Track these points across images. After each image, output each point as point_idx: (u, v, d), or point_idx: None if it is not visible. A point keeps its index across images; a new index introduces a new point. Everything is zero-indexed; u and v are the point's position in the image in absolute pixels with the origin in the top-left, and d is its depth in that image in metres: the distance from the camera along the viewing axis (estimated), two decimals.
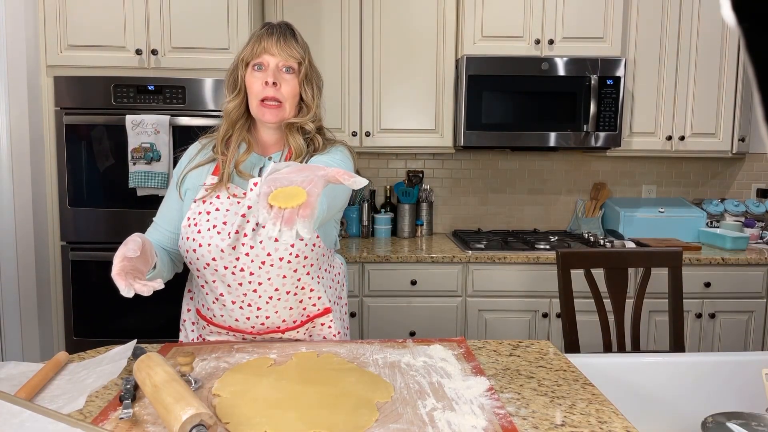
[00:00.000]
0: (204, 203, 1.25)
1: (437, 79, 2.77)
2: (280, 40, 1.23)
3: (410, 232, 3.00)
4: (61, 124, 2.39)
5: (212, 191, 1.25)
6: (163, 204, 1.35)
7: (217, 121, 2.39)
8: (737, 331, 2.62)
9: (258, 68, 1.24)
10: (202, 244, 1.23)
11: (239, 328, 1.33)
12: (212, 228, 1.23)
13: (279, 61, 1.23)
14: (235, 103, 1.28)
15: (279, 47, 1.22)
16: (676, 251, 1.88)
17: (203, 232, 1.23)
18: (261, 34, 1.25)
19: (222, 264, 1.23)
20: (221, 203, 1.25)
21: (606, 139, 2.71)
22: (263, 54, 1.23)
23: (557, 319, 2.55)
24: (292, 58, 1.24)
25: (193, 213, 1.26)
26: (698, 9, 2.76)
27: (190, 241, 1.25)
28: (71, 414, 1.00)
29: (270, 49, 1.22)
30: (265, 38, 1.23)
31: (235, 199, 1.25)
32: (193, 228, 1.24)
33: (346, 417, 0.98)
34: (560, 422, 0.99)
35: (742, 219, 2.98)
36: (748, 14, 0.38)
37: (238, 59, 1.27)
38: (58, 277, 2.47)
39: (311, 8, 2.71)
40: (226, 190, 1.26)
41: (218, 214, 1.24)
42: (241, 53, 1.27)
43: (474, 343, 1.39)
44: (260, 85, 1.23)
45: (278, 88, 1.23)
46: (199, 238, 1.23)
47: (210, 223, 1.24)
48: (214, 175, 1.28)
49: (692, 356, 1.47)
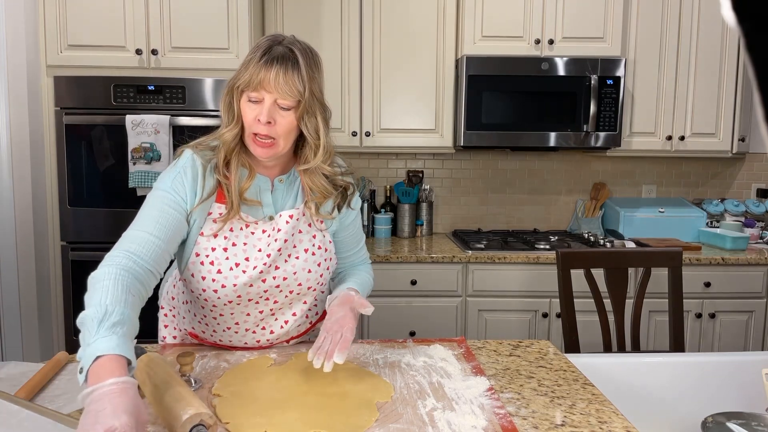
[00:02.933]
0: (216, 238, 1.17)
1: (437, 79, 2.77)
2: (279, 75, 1.09)
3: (410, 232, 3.00)
4: (61, 124, 2.39)
5: (223, 224, 1.17)
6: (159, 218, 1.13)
7: (217, 122, 2.40)
8: (737, 331, 2.62)
9: (254, 100, 1.13)
10: (225, 285, 1.17)
11: (247, 347, 1.32)
12: (235, 267, 1.18)
13: (276, 98, 1.11)
14: (233, 133, 1.16)
15: (276, 83, 1.10)
16: (676, 251, 1.88)
17: (225, 272, 1.17)
18: (261, 62, 1.11)
19: (247, 298, 1.21)
20: (236, 237, 1.19)
21: (606, 139, 2.71)
22: (259, 88, 1.11)
23: (557, 319, 2.55)
24: (290, 96, 1.11)
25: (206, 249, 1.18)
26: (698, 9, 2.76)
27: (208, 281, 1.18)
28: (71, 414, 1.00)
29: (266, 84, 1.10)
30: (264, 71, 1.10)
31: (248, 230, 1.19)
32: (209, 267, 1.17)
33: (346, 417, 0.98)
34: (560, 422, 0.99)
35: (742, 219, 2.98)
36: (748, 14, 0.38)
37: (234, 85, 1.14)
38: (58, 277, 2.47)
39: (311, 8, 2.71)
40: (238, 221, 1.19)
41: (236, 249, 1.18)
42: (237, 78, 1.13)
43: (474, 343, 1.39)
44: (253, 118, 1.12)
45: (272, 126, 1.12)
46: (221, 279, 1.17)
47: (230, 261, 1.18)
48: (220, 203, 1.18)
49: (692, 356, 1.47)
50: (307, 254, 1.24)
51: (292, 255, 1.22)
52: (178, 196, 1.15)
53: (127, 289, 1.00)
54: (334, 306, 1.20)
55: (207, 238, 1.17)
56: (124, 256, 1.07)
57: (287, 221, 1.20)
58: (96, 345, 0.88)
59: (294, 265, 1.22)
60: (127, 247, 1.09)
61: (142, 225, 1.13)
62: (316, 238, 1.26)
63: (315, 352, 1.10)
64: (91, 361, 0.86)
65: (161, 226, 1.12)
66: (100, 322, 0.91)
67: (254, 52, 1.13)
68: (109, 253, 1.09)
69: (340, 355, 1.08)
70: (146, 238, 1.10)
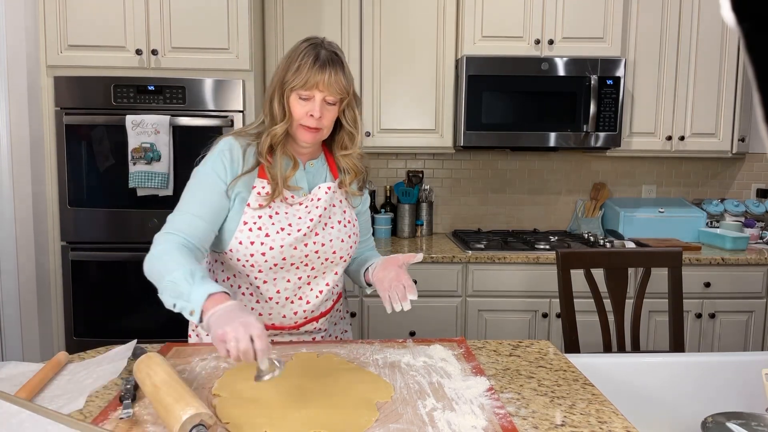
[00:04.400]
0: (261, 208, 1.30)
1: (437, 79, 2.77)
2: (331, 77, 1.26)
3: (410, 232, 3.00)
4: (61, 124, 2.39)
5: (268, 202, 1.30)
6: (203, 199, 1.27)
7: (217, 122, 2.40)
8: (737, 331, 2.62)
9: (304, 98, 1.27)
10: (273, 246, 1.29)
11: (283, 325, 1.40)
12: (281, 230, 1.30)
13: (325, 95, 1.27)
14: (284, 129, 1.30)
15: (329, 84, 1.26)
16: (676, 251, 1.88)
17: (272, 235, 1.29)
18: (314, 66, 1.25)
19: (290, 261, 1.32)
20: (279, 207, 1.32)
21: (606, 139, 2.71)
22: (312, 89, 1.26)
23: (557, 319, 2.55)
24: (338, 93, 1.28)
25: (252, 218, 1.30)
26: (698, 9, 2.76)
27: (256, 245, 1.29)
28: (71, 414, 1.00)
29: (320, 85, 1.26)
30: (318, 74, 1.25)
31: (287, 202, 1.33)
32: (257, 232, 1.29)
33: (346, 417, 0.98)
34: (560, 422, 0.99)
35: (742, 219, 2.98)
36: (748, 14, 0.38)
37: (287, 86, 1.27)
38: (58, 277, 2.47)
39: (311, 8, 2.71)
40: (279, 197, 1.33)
41: (279, 217, 1.31)
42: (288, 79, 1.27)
43: (474, 343, 1.39)
44: (304, 113, 1.28)
45: (321, 119, 1.28)
46: (269, 241, 1.29)
47: (276, 226, 1.30)
48: (262, 178, 1.31)
49: (692, 356, 1.47)
50: (340, 225, 1.38)
51: (328, 224, 1.36)
52: (217, 178, 1.29)
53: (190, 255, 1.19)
54: (378, 272, 1.36)
55: (254, 209, 1.30)
56: (174, 235, 1.22)
57: (326, 192, 1.36)
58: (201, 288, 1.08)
59: (330, 233, 1.36)
60: (177, 227, 1.24)
61: (187, 207, 1.27)
62: (346, 213, 1.41)
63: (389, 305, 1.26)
64: (205, 298, 1.06)
65: (204, 207, 1.27)
66: (191, 276, 1.10)
67: (301, 57, 1.27)
68: (159, 233, 1.24)
69: (412, 293, 1.24)
70: (191, 220, 1.25)
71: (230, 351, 0.97)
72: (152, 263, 1.18)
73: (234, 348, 0.97)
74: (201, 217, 1.25)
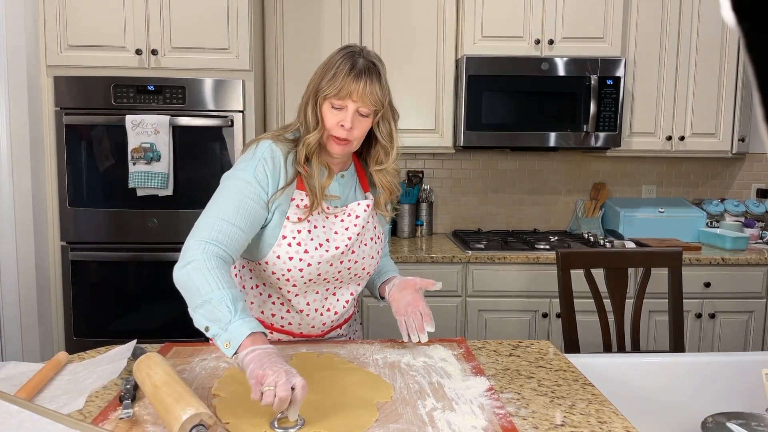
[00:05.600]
0: (300, 222, 1.27)
1: (437, 79, 2.77)
2: (367, 87, 1.22)
3: (410, 232, 3.00)
4: (61, 124, 2.39)
5: (308, 214, 1.27)
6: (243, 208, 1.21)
7: (217, 122, 2.40)
8: (737, 331, 2.62)
9: (337, 107, 1.24)
10: (311, 264, 1.27)
11: (311, 334, 1.41)
12: (319, 247, 1.28)
13: (359, 106, 1.23)
14: (317, 137, 1.26)
15: (363, 94, 1.22)
16: (676, 251, 1.88)
17: (311, 252, 1.27)
18: (349, 75, 1.22)
19: (324, 277, 1.31)
20: (316, 220, 1.29)
21: (606, 139, 2.71)
22: (346, 98, 1.22)
23: (557, 319, 2.55)
24: (372, 105, 1.24)
25: (292, 232, 1.26)
26: (698, 9, 2.76)
27: (295, 260, 1.26)
28: (71, 414, 1.00)
29: (354, 95, 1.22)
30: (353, 83, 1.21)
31: (324, 213, 1.30)
32: (297, 248, 1.26)
33: (346, 417, 0.98)
34: (560, 422, 0.99)
35: (742, 219, 2.98)
36: (748, 14, 0.38)
37: (321, 94, 1.24)
38: (58, 277, 2.47)
39: (311, 8, 2.71)
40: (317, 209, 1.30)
41: (318, 232, 1.29)
42: (323, 87, 1.23)
43: (474, 344, 1.39)
44: (335, 123, 1.24)
45: (351, 130, 1.24)
46: (307, 258, 1.26)
47: (315, 242, 1.27)
48: (300, 190, 1.28)
49: (692, 356, 1.47)
50: (372, 242, 1.38)
51: (362, 241, 1.36)
52: (259, 187, 1.23)
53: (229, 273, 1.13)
54: (395, 293, 1.37)
55: (292, 223, 1.27)
56: (213, 246, 1.14)
57: (365, 209, 1.34)
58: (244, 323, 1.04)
59: (364, 250, 1.36)
60: (214, 236, 1.16)
61: (223, 213, 1.19)
62: (376, 229, 1.41)
63: (406, 334, 1.29)
64: (245, 336, 1.02)
65: (242, 216, 1.20)
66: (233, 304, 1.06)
67: (338, 65, 1.23)
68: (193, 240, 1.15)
69: (430, 325, 1.26)
70: (228, 228, 1.18)
71: (265, 394, 0.93)
72: (189, 275, 1.09)
73: (270, 393, 0.93)
74: (239, 227, 1.19)
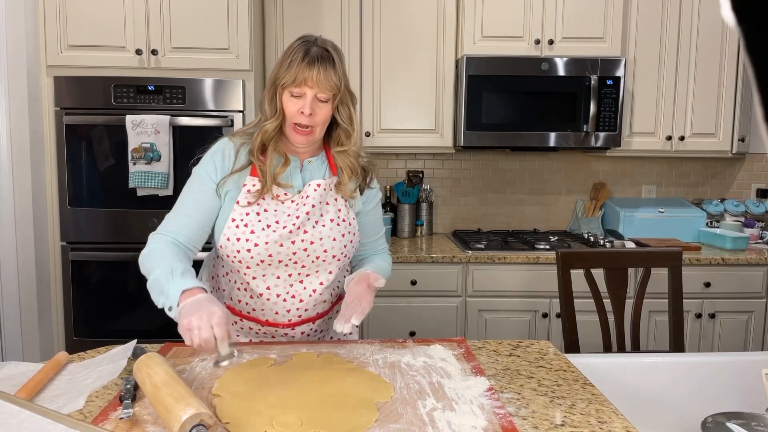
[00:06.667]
0: (249, 205, 1.32)
1: (437, 79, 2.77)
2: (321, 73, 1.25)
3: (410, 232, 3.00)
4: (61, 124, 2.39)
5: (256, 198, 1.32)
6: (193, 199, 1.34)
7: (217, 122, 2.40)
8: (737, 331, 2.62)
9: (296, 95, 1.28)
10: (258, 243, 1.30)
11: (277, 322, 1.40)
12: (267, 227, 1.31)
13: (316, 92, 1.27)
14: (275, 125, 1.31)
15: (318, 80, 1.25)
16: (675, 251, 1.88)
17: (257, 232, 1.31)
18: (302, 62, 1.26)
19: (277, 258, 1.32)
20: (267, 204, 1.33)
21: (606, 139, 2.71)
22: (302, 85, 1.26)
23: (557, 319, 2.55)
24: (329, 90, 1.27)
25: (240, 215, 1.32)
26: (698, 9, 2.76)
27: (242, 241, 1.30)
28: (71, 414, 1.00)
29: (309, 81, 1.25)
30: (306, 70, 1.25)
31: (278, 200, 1.34)
32: (243, 229, 1.31)
33: (346, 417, 0.98)
34: (560, 422, 0.99)
35: (742, 219, 2.98)
36: (748, 15, 0.38)
37: (278, 83, 1.28)
38: (58, 277, 2.47)
39: (311, 8, 2.71)
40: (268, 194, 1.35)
41: (267, 214, 1.33)
42: (280, 76, 1.28)
43: (474, 343, 1.39)
44: (296, 111, 1.28)
45: (312, 116, 1.28)
46: (254, 238, 1.30)
47: (262, 223, 1.31)
48: (253, 176, 1.33)
49: (692, 356, 1.47)
50: (333, 224, 1.36)
51: (319, 222, 1.35)
52: (207, 177, 1.33)
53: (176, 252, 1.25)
54: (351, 285, 1.35)
55: (242, 206, 1.32)
56: (163, 235, 1.30)
57: (315, 189, 1.35)
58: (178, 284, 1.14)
59: (320, 231, 1.34)
60: (167, 228, 1.32)
61: (179, 207, 1.35)
62: (341, 211, 1.39)
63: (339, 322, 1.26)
64: (179, 294, 1.12)
65: (191, 206, 1.33)
66: (171, 274, 1.17)
67: (293, 54, 1.28)
68: (153, 233, 1.31)
69: (357, 318, 1.24)
70: (181, 219, 1.32)
71: (193, 340, 1.03)
72: (142, 262, 1.26)
73: (197, 336, 1.02)
74: (190, 217, 1.32)
